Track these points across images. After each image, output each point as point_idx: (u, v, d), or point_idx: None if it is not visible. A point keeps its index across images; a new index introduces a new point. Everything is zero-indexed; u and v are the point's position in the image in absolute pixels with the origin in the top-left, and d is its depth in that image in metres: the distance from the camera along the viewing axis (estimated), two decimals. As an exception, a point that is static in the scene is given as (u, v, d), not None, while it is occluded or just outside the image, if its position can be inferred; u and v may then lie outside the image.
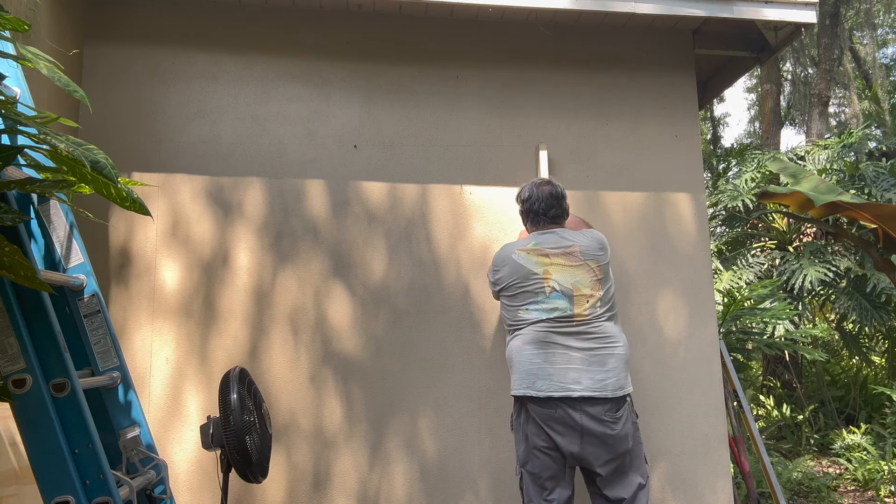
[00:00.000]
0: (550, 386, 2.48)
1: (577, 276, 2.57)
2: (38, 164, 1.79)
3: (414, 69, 3.32)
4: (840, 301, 6.57)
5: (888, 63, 16.00)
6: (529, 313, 2.57)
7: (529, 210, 2.73)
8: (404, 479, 3.01)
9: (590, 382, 2.47)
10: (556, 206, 2.70)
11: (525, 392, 2.52)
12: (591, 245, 2.64)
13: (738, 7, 3.22)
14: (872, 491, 5.18)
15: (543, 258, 2.60)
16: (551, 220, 2.71)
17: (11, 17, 1.55)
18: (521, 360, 2.56)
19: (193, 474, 2.90)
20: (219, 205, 3.10)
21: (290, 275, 3.08)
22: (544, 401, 2.48)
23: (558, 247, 2.62)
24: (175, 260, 3.02)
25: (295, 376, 3.01)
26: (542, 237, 2.67)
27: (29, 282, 1.52)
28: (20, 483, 2.19)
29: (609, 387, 2.48)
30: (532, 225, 2.75)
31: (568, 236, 2.66)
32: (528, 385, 2.52)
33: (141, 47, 3.16)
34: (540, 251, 2.62)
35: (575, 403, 2.46)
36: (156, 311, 2.98)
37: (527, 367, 2.53)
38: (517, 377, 2.57)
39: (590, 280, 2.57)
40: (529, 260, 2.61)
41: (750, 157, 7.78)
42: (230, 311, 3.02)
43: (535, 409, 2.51)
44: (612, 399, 2.49)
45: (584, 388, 2.46)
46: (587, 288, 2.56)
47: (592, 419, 2.46)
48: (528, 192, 2.75)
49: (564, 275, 2.57)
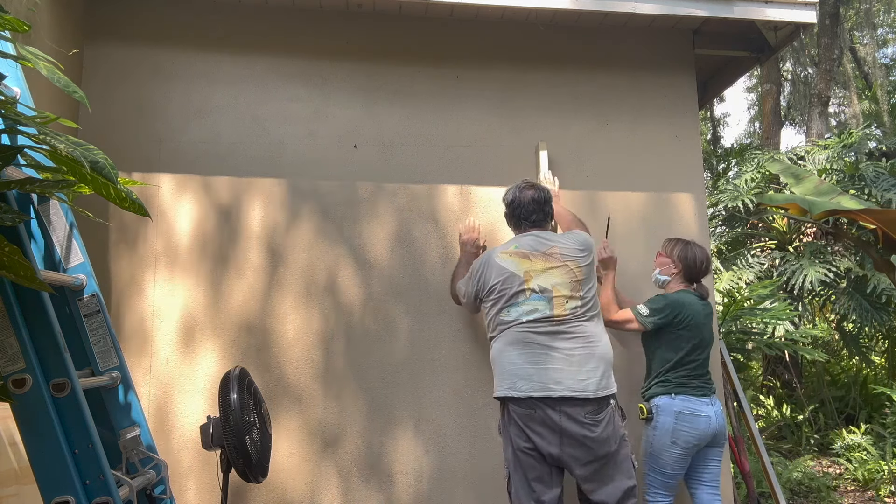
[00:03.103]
0: (531, 386, 2.48)
1: (557, 277, 2.58)
2: (38, 164, 1.78)
3: (414, 69, 3.32)
4: (840, 301, 6.56)
5: (888, 63, 16.00)
6: (510, 314, 2.58)
7: (512, 214, 2.78)
8: (404, 481, 3.01)
9: (571, 382, 2.46)
10: (538, 210, 2.74)
11: (506, 393, 2.53)
12: (572, 246, 2.65)
13: (739, 7, 3.22)
14: (872, 491, 5.17)
15: (524, 260, 2.62)
16: (533, 224, 2.74)
17: (11, 17, 1.55)
18: (503, 362, 2.57)
19: (193, 474, 2.90)
20: (219, 205, 3.09)
21: (291, 274, 3.08)
22: (524, 401, 2.48)
23: (538, 249, 2.64)
24: (175, 260, 3.02)
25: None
26: (523, 240, 2.70)
27: (29, 282, 1.52)
28: (20, 483, 2.19)
29: (590, 387, 2.47)
30: (515, 227, 2.80)
31: (548, 238, 2.69)
32: (509, 386, 2.52)
33: (141, 47, 3.16)
34: (521, 253, 2.64)
35: (555, 404, 2.46)
36: (156, 312, 2.98)
37: (508, 367, 2.54)
38: (499, 379, 2.59)
39: (569, 281, 2.58)
40: (511, 262, 2.63)
41: (750, 157, 7.77)
42: (230, 313, 3.02)
43: (516, 410, 2.51)
44: (594, 399, 2.48)
45: (565, 389, 2.45)
46: (566, 289, 2.56)
47: (572, 420, 2.45)
48: (511, 196, 2.79)
49: (544, 276, 2.58)
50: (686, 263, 2.93)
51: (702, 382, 2.82)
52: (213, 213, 3.08)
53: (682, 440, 2.72)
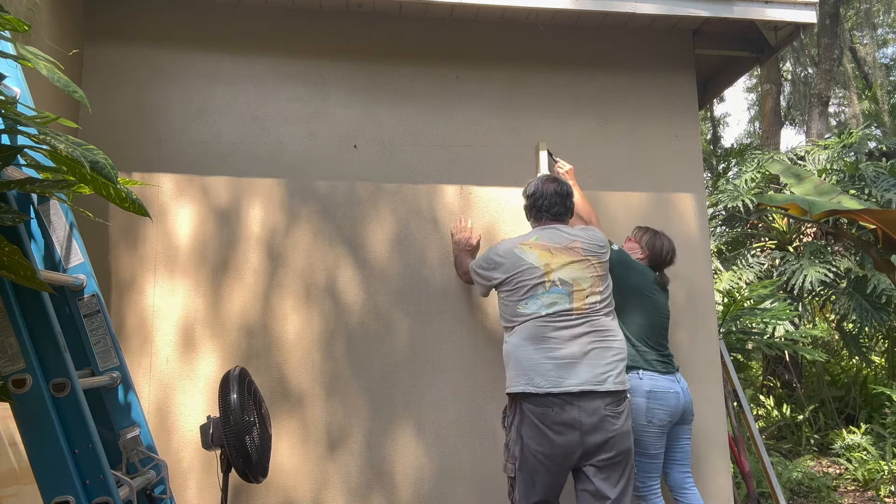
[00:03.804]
0: (549, 382, 2.43)
1: (579, 271, 2.56)
2: (38, 164, 1.79)
3: (414, 69, 3.32)
4: (840, 301, 6.56)
5: (888, 63, 16.01)
6: (528, 307, 2.54)
7: (533, 206, 2.75)
8: (404, 482, 3.01)
9: (589, 376, 2.43)
10: (560, 203, 2.71)
11: (523, 389, 2.46)
12: (593, 241, 2.65)
13: (739, 7, 3.22)
14: (872, 491, 5.18)
15: (545, 252, 2.59)
16: (554, 217, 2.71)
17: (11, 17, 1.56)
18: (519, 357, 2.52)
19: (193, 474, 2.90)
20: (218, 205, 3.10)
21: (291, 274, 3.08)
22: (542, 398, 2.43)
23: (560, 242, 2.61)
24: (175, 260, 3.02)
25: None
26: (544, 232, 2.67)
27: (29, 282, 1.52)
28: (20, 483, 2.19)
29: (610, 380, 2.45)
30: (535, 220, 2.77)
31: (570, 232, 2.67)
32: (526, 382, 2.46)
33: (141, 47, 3.16)
34: (542, 245, 2.61)
35: (574, 399, 2.41)
36: (156, 312, 2.98)
37: (524, 363, 2.49)
38: (514, 374, 2.53)
39: (590, 275, 2.56)
40: (531, 254, 2.60)
41: (750, 157, 7.77)
42: (230, 313, 3.02)
43: (532, 409, 2.44)
44: (613, 392, 2.45)
45: (584, 383, 2.42)
46: (587, 283, 2.55)
47: (593, 415, 2.41)
48: (533, 188, 2.76)
49: (566, 269, 2.55)
50: (654, 251, 3.03)
51: (666, 360, 2.90)
52: (212, 214, 3.08)
53: (657, 418, 2.79)
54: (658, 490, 2.83)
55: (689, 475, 2.93)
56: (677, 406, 2.82)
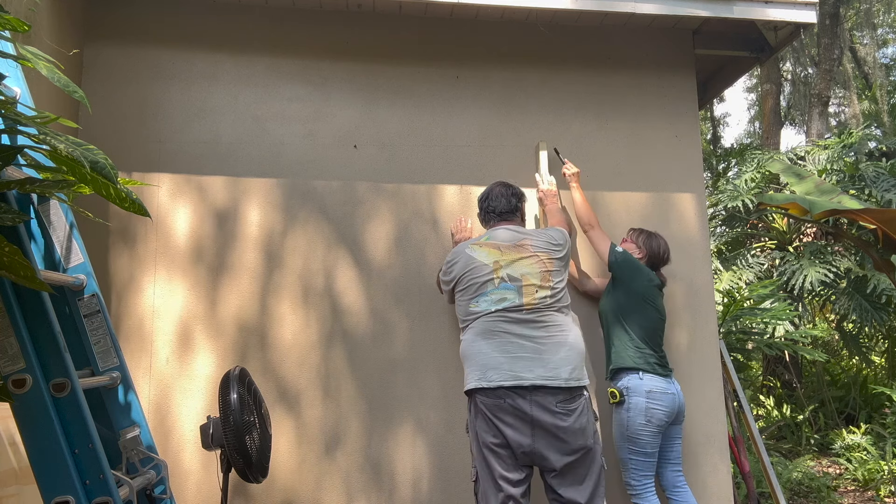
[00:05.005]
0: (501, 375, 2.45)
1: (527, 266, 2.60)
2: (38, 164, 1.79)
3: (414, 69, 3.32)
4: (840, 301, 6.56)
5: (888, 63, 16.01)
6: (479, 305, 2.58)
7: (484, 209, 2.85)
8: (404, 481, 3.01)
9: (541, 371, 2.45)
10: (506, 203, 2.79)
11: (477, 384, 2.48)
12: (543, 239, 2.69)
13: (739, 7, 3.22)
14: (872, 491, 5.17)
15: (494, 250, 2.65)
16: (501, 218, 2.79)
17: (11, 17, 1.56)
18: (473, 353, 2.55)
19: (193, 474, 2.90)
20: (218, 205, 3.10)
21: (290, 274, 3.08)
22: (494, 391, 2.44)
23: (510, 240, 2.68)
24: (174, 260, 3.02)
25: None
26: (494, 232, 2.74)
27: (29, 282, 1.52)
28: (20, 483, 2.19)
29: (561, 375, 2.45)
30: (485, 223, 2.86)
31: (520, 231, 2.73)
32: (479, 377, 2.49)
33: (141, 47, 3.16)
34: (491, 244, 2.68)
35: (526, 393, 2.43)
36: (155, 312, 2.98)
37: (479, 358, 2.52)
38: (469, 370, 2.55)
39: (539, 271, 2.59)
40: (481, 252, 2.66)
41: (750, 157, 7.78)
42: (230, 313, 3.02)
43: (484, 402, 2.46)
44: (565, 389, 2.45)
45: (536, 377, 2.43)
46: (536, 278, 2.58)
47: (543, 410, 2.41)
48: (484, 194, 2.88)
49: (514, 266, 2.60)
50: (651, 251, 3.07)
51: (664, 361, 2.94)
52: (212, 213, 3.08)
53: (656, 418, 2.81)
54: (653, 488, 2.85)
55: (682, 474, 2.96)
56: (674, 406, 2.86)
